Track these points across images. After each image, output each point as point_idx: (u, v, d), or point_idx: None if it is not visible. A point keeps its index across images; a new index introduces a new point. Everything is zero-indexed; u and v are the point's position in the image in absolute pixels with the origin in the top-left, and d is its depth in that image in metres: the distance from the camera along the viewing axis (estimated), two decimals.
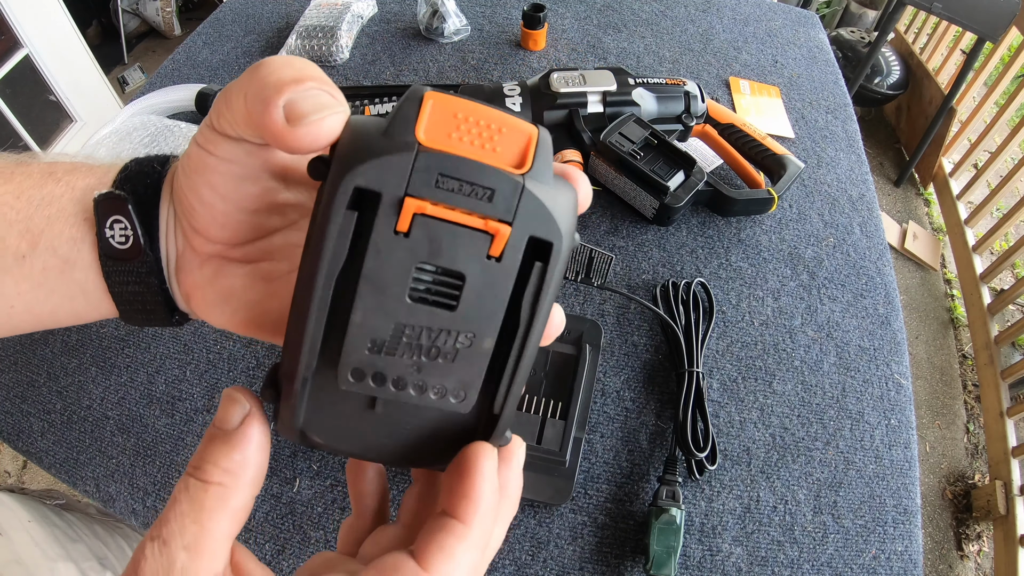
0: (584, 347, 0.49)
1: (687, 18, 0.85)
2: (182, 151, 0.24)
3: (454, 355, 0.19)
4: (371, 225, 0.17)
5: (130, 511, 0.47)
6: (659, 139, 0.58)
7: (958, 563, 1.35)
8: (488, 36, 0.80)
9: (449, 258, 0.18)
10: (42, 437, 0.50)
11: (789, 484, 0.48)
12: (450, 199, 0.17)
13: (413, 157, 0.17)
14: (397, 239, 0.17)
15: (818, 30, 0.88)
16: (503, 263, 0.18)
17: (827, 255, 0.61)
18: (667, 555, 0.43)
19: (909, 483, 0.49)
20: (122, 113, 0.63)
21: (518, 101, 0.60)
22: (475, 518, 0.19)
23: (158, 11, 2.34)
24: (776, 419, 0.51)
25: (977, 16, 1.47)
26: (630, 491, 0.47)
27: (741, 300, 0.57)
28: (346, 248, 0.18)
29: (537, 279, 0.19)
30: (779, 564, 0.45)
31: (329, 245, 0.17)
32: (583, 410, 0.47)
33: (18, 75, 1.58)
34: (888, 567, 0.46)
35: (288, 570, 0.44)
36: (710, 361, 0.53)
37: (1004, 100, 1.71)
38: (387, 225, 0.17)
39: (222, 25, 0.82)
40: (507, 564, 0.44)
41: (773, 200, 0.60)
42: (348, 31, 0.76)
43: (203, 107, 0.66)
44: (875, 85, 1.97)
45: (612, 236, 0.61)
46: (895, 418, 0.52)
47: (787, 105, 0.75)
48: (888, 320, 0.58)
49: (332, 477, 0.47)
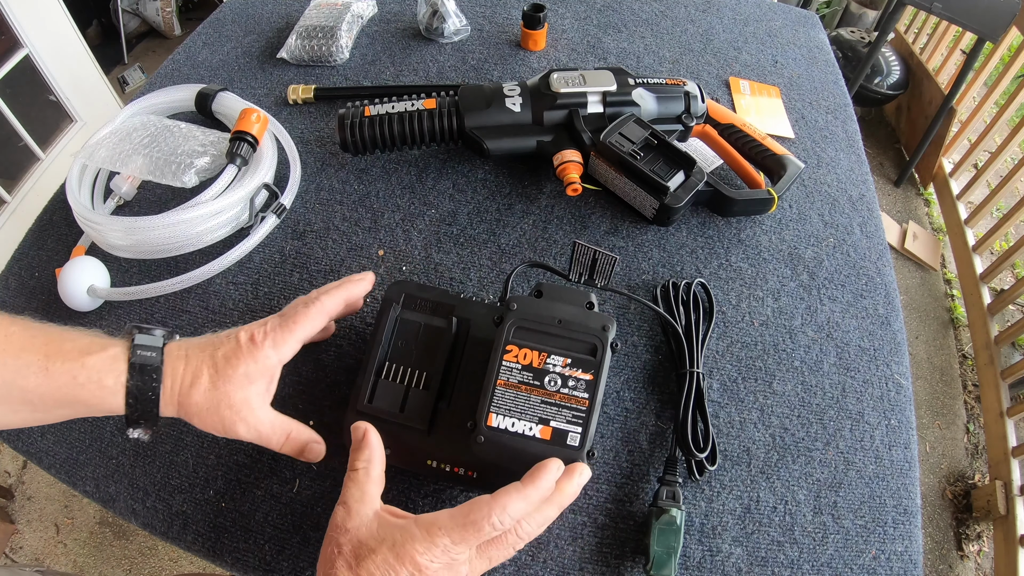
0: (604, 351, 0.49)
1: (687, 18, 0.85)
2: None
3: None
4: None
5: (130, 511, 0.47)
6: (659, 139, 0.58)
7: (958, 563, 1.35)
8: (488, 36, 0.80)
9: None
10: (42, 437, 0.50)
11: (789, 484, 0.48)
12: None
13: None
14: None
15: (818, 30, 0.88)
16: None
17: (827, 255, 0.61)
18: (667, 556, 0.43)
19: (909, 483, 0.49)
20: (122, 113, 0.63)
21: (518, 101, 0.60)
22: (531, 486, 0.36)
23: (158, 11, 2.34)
24: (776, 419, 0.51)
25: (977, 16, 1.47)
26: (630, 491, 0.47)
27: (741, 300, 0.57)
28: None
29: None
30: (779, 564, 0.45)
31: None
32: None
33: (18, 75, 1.58)
34: (888, 567, 0.46)
35: (288, 570, 0.44)
36: (710, 361, 0.53)
37: (1004, 100, 1.71)
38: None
39: (222, 25, 0.82)
40: (507, 564, 0.44)
41: (773, 200, 0.60)
42: (348, 31, 0.76)
43: (203, 107, 0.66)
44: (875, 85, 1.97)
45: (612, 236, 0.61)
46: (895, 418, 0.52)
47: (787, 105, 0.75)
48: (888, 320, 0.58)
49: (332, 478, 0.47)
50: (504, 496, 0.35)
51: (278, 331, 0.40)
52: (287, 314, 0.41)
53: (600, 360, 0.41)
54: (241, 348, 0.39)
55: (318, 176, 0.64)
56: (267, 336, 0.40)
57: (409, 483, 0.47)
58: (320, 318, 0.42)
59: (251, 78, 0.74)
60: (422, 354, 0.45)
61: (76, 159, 0.59)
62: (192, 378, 0.38)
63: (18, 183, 1.63)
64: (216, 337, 0.40)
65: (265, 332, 0.40)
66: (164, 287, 0.54)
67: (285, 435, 0.41)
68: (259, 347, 0.39)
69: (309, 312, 0.41)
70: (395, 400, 0.44)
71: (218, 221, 0.56)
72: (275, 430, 0.40)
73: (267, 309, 0.55)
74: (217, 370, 0.38)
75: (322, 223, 0.61)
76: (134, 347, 0.37)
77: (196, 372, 0.38)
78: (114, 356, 0.37)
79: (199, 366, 0.38)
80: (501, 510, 0.34)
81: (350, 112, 0.60)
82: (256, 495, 0.46)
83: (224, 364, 0.38)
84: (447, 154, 0.66)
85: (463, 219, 0.61)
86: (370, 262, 0.58)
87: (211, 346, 0.39)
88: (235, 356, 0.38)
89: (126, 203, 0.62)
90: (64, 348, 0.36)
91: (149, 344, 0.38)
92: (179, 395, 0.38)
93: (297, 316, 0.41)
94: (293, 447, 0.42)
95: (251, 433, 0.40)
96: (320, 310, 0.42)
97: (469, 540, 0.34)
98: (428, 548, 0.33)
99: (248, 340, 0.39)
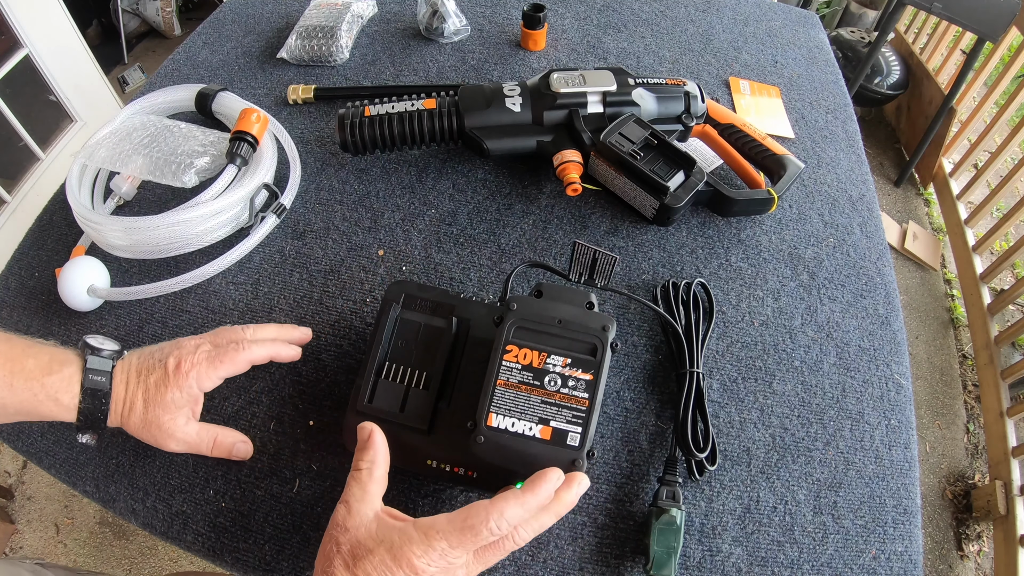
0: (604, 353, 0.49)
1: (687, 18, 0.85)
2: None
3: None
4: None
5: (130, 511, 0.47)
6: (659, 139, 0.58)
7: (958, 563, 1.35)
8: (488, 36, 0.80)
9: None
10: (42, 437, 0.50)
11: (789, 484, 0.48)
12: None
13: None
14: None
15: (818, 30, 0.88)
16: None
17: (827, 255, 0.61)
18: (667, 555, 0.43)
19: (909, 483, 0.49)
20: (122, 113, 0.63)
21: (518, 101, 0.60)
22: (531, 493, 0.36)
23: (158, 11, 2.34)
24: (776, 419, 0.51)
25: (977, 16, 1.47)
26: (630, 491, 0.47)
27: (741, 300, 0.57)
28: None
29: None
30: (779, 564, 0.45)
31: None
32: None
33: (18, 75, 1.58)
34: (888, 567, 0.46)
35: (288, 570, 0.44)
36: (710, 361, 0.53)
37: (1004, 100, 1.70)
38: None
39: (222, 25, 0.82)
40: (507, 564, 0.44)
41: (773, 200, 0.60)
42: (348, 31, 0.76)
43: (203, 107, 0.66)
44: (875, 85, 1.97)
45: (612, 236, 0.61)
46: (895, 418, 0.52)
47: (787, 105, 0.75)
48: (888, 320, 0.58)
49: (332, 478, 0.47)
50: (502, 502, 0.35)
51: (203, 366, 0.44)
52: (219, 348, 0.45)
53: (600, 360, 0.41)
54: (168, 377, 0.43)
55: (318, 176, 0.64)
56: (193, 368, 0.43)
57: (409, 483, 0.47)
58: (245, 366, 0.46)
59: (251, 78, 0.74)
60: (422, 354, 0.45)
61: (76, 159, 0.59)
62: (130, 404, 0.43)
63: (18, 183, 1.63)
64: (152, 357, 0.44)
65: (192, 363, 0.43)
66: (164, 287, 0.54)
67: (212, 440, 0.45)
68: (184, 378, 0.43)
69: (237, 357, 0.45)
70: (395, 400, 0.44)
71: (218, 221, 0.56)
72: (202, 439, 0.45)
73: (267, 309, 0.55)
74: (148, 397, 0.43)
75: (322, 223, 0.61)
76: (86, 371, 0.42)
77: (132, 399, 0.43)
78: (70, 377, 0.41)
79: (135, 392, 0.43)
80: (499, 516, 0.35)
81: (350, 112, 0.60)
82: (256, 495, 0.46)
83: (154, 390, 0.43)
84: (447, 154, 0.66)
85: (463, 219, 0.61)
86: (370, 262, 0.58)
87: (146, 370, 0.44)
88: (163, 384, 0.43)
89: (126, 203, 0.62)
90: (27, 366, 0.40)
91: (99, 368, 0.42)
92: (120, 417, 0.43)
93: (226, 357, 0.44)
94: (222, 450, 0.46)
95: (181, 446, 0.44)
96: (247, 359, 0.45)
97: (466, 544, 0.35)
98: (425, 551, 0.34)
99: (175, 368, 0.43)
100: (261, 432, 0.49)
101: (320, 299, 0.56)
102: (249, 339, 0.46)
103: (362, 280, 0.57)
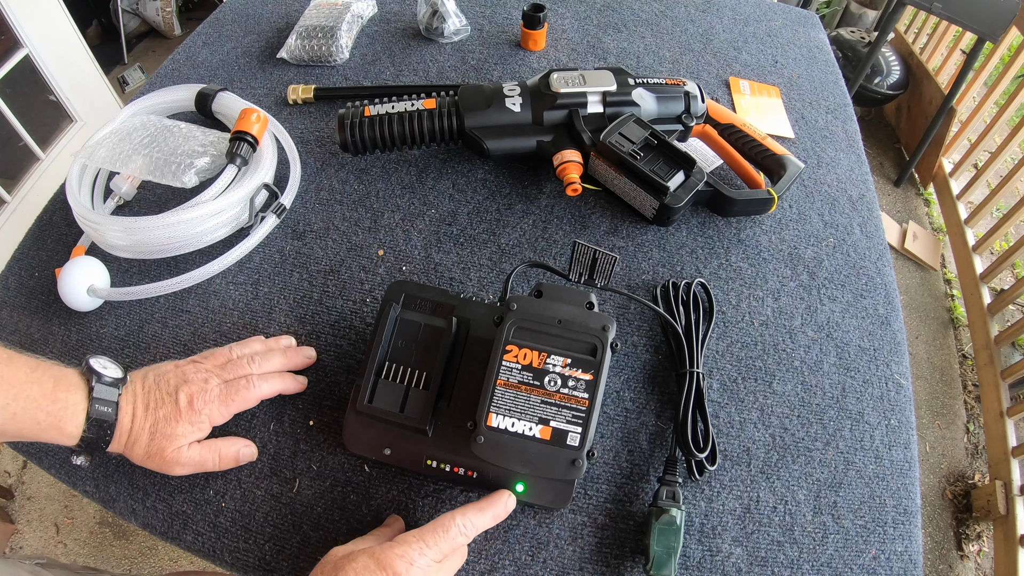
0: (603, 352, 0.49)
1: (687, 18, 0.85)
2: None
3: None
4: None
5: (130, 511, 0.47)
6: (659, 139, 0.58)
7: (958, 563, 1.35)
8: (488, 36, 0.80)
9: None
10: None
11: (789, 484, 0.48)
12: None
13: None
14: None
15: (818, 30, 0.88)
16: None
17: (827, 255, 0.61)
18: (667, 555, 0.43)
19: (909, 483, 0.49)
20: (122, 113, 0.63)
21: (518, 101, 0.60)
22: (487, 503, 0.41)
23: (158, 11, 2.34)
24: (776, 419, 0.51)
25: (977, 16, 1.47)
26: (630, 491, 0.47)
27: (741, 300, 0.57)
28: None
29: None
30: (779, 564, 0.45)
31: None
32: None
33: (18, 75, 1.58)
34: (888, 567, 0.46)
35: (288, 570, 0.44)
36: (710, 361, 0.53)
37: (1004, 100, 1.70)
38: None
39: (222, 25, 0.82)
40: (507, 564, 0.44)
41: (773, 200, 0.60)
42: (348, 31, 0.76)
43: (203, 107, 0.66)
44: (875, 85, 1.97)
45: (612, 236, 0.61)
46: (895, 418, 0.52)
47: (787, 105, 0.75)
48: (888, 320, 0.58)
49: (332, 478, 0.47)
50: (465, 508, 0.40)
51: (216, 403, 0.45)
52: (229, 385, 0.46)
53: (600, 360, 0.41)
54: (180, 412, 0.43)
55: (318, 176, 0.64)
56: (207, 405, 0.44)
57: (409, 483, 0.47)
58: (255, 402, 0.47)
59: (251, 78, 0.74)
60: (422, 354, 0.45)
61: (76, 159, 0.59)
62: (135, 437, 0.43)
63: (18, 183, 1.63)
64: (160, 389, 0.44)
65: (206, 401, 0.44)
66: (164, 287, 0.54)
67: (216, 455, 0.45)
68: (197, 413, 0.44)
69: (248, 396, 0.46)
70: (395, 400, 0.44)
71: (218, 221, 0.56)
72: (206, 458, 0.45)
73: (267, 309, 0.55)
74: (156, 430, 0.43)
75: (322, 223, 0.61)
76: (92, 400, 0.41)
77: (139, 431, 0.43)
78: (75, 405, 0.41)
79: (142, 425, 0.43)
80: (463, 516, 0.39)
81: (350, 112, 0.60)
82: (256, 495, 0.46)
83: (164, 424, 0.43)
84: (447, 154, 0.66)
85: (463, 219, 0.61)
86: (370, 262, 0.58)
87: (155, 403, 0.43)
88: (174, 418, 0.43)
89: (126, 203, 0.62)
90: (32, 394, 0.39)
91: (105, 398, 0.42)
92: (124, 447, 0.43)
93: (237, 396, 0.46)
94: (228, 461, 0.46)
95: (187, 470, 0.44)
96: (257, 396, 0.47)
97: (439, 541, 0.38)
98: (405, 551, 0.37)
99: (187, 405, 0.43)
100: (261, 433, 0.49)
101: (320, 299, 0.56)
102: (257, 375, 0.47)
103: (362, 280, 0.57)
